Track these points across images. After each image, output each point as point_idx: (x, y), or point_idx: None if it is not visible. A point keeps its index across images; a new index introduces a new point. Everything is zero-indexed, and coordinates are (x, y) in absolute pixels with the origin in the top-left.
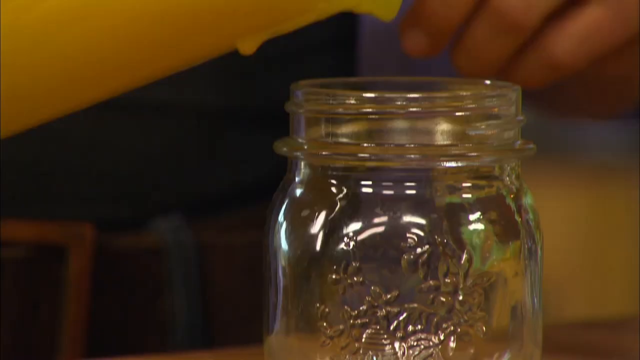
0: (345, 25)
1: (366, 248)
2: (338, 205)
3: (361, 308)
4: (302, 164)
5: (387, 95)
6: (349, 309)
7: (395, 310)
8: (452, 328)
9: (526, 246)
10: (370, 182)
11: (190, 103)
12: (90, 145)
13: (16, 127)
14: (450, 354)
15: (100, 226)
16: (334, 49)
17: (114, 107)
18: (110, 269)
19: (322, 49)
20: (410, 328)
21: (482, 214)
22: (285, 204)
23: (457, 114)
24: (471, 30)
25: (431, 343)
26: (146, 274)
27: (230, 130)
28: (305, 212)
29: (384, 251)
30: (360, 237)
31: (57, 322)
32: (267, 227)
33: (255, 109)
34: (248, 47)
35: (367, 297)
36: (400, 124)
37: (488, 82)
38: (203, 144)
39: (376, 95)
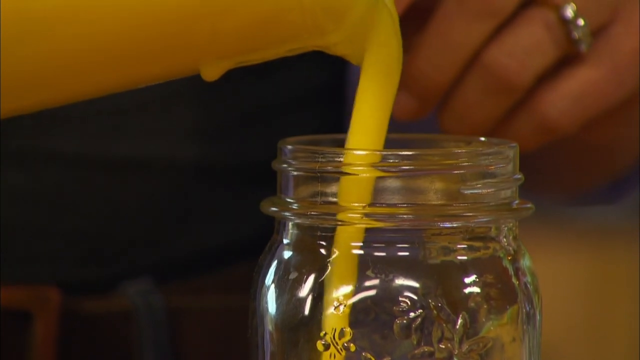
0: (333, 77)
1: (357, 312)
2: (327, 268)
3: None
4: (290, 224)
5: (378, 152)
6: None
7: None
8: None
9: (524, 310)
10: (360, 244)
11: (162, 159)
12: (55, 203)
13: (13, 110)
14: None
15: (66, 289)
16: (318, 102)
17: (81, 162)
18: (77, 334)
19: (304, 103)
20: None
21: (478, 276)
22: (272, 266)
23: (452, 172)
24: (461, 90)
25: None
26: (115, 339)
27: (204, 187)
28: (293, 275)
29: (376, 315)
30: (350, 301)
31: None
32: (253, 290)
33: (232, 165)
34: (211, 73)
35: None
36: (392, 182)
37: (483, 139)
38: (175, 202)
39: (367, 153)
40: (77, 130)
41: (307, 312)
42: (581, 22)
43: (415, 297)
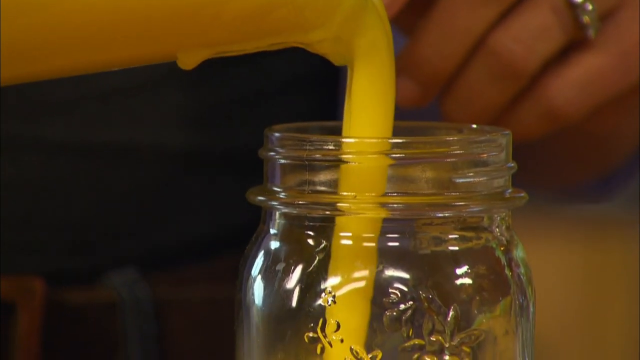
0: (324, 61)
1: (345, 304)
2: (316, 259)
3: None
4: (277, 214)
5: (368, 140)
6: None
7: None
8: None
9: (517, 302)
10: (350, 234)
11: (148, 146)
12: (39, 191)
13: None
14: None
15: (50, 280)
16: (311, 87)
17: (66, 150)
18: (62, 326)
19: (295, 88)
20: None
21: (470, 267)
22: (258, 257)
23: (443, 160)
24: (464, 76)
25: None
26: (100, 331)
27: (191, 176)
28: (280, 266)
29: (365, 308)
30: (339, 293)
31: None
32: (239, 281)
33: (220, 153)
34: (188, 61)
35: (346, 357)
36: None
37: (475, 126)
38: (161, 190)
39: (356, 140)
40: (61, 117)
41: (294, 303)
42: (589, 6)
43: (405, 289)
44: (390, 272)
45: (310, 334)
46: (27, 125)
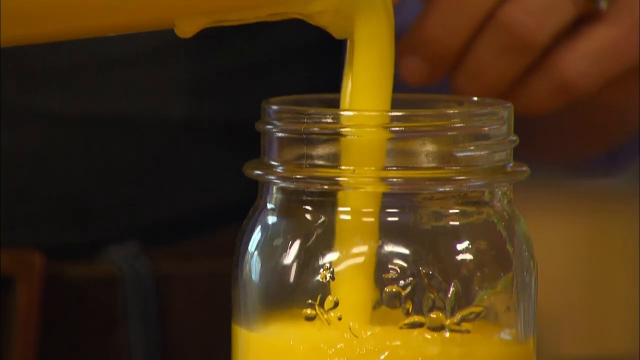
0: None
1: (344, 280)
2: (314, 234)
3: (339, 346)
4: (275, 188)
5: (367, 113)
6: (325, 347)
7: (377, 348)
8: None
9: (519, 278)
10: (349, 209)
11: (149, 115)
12: (38, 163)
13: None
14: None
15: (50, 254)
16: (314, 57)
17: (65, 121)
18: (61, 301)
19: (298, 58)
20: None
21: (471, 242)
22: (255, 232)
23: (444, 133)
24: (475, 49)
25: None
26: (99, 306)
27: (193, 147)
28: (277, 241)
29: (364, 284)
30: (337, 269)
31: (4, 357)
32: (235, 257)
33: (222, 124)
34: (186, 29)
35: (345, 334)
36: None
37: (476, 98)
38: (163, 162)
39: (355, 113)
40: (61, 87)
41: (292, 279)
42: None
43: (405, 265)
44: (389, 248)
45: (308, 311)
46: (27, 96)
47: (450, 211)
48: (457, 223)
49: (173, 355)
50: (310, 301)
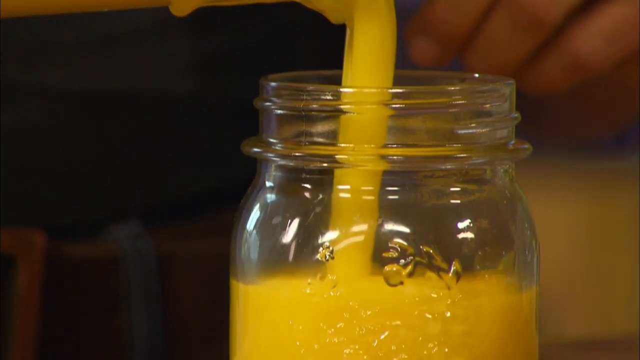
0: None
1: (343, 259)
2: (313, 212)
3: (338, 325)
4: (273, 166)
5: (367, 90)
6: (324, 326)
7: (376, 328)
8: (438, 348)
9: (521, 257)
10: (348, 187)
11: (152, 93)
12: (38, 140)
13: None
14: None
15: (51, 233)
16: (322, 36)
17: (66, 97)
18: (63, 280)
19: (304, 37)
20: (392, 347)
21: (472, 221)
22: (253, 210)
23: (445, 111)
24: (486, 28)
25: None
26: (102, 286)
27: (196, 125)
28: (276, 220)
29: (364, 263)
30: (337, 247)
31: (4, 339)
32: (233, 235)
33: (225, 102)
34: (180, 7)
35: (344, 314)
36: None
37: (477, 75)
38: (165, 140)
39: (355, 90)
40: (62, 63)
41: (291, 258)
42: None
43: (405, 243)
44: (390, 227)
45: (307, 290)
46: (27, 72)
47: (451, 189)
48: (458, 201)
49: (176, 335)
50: (309, 280)
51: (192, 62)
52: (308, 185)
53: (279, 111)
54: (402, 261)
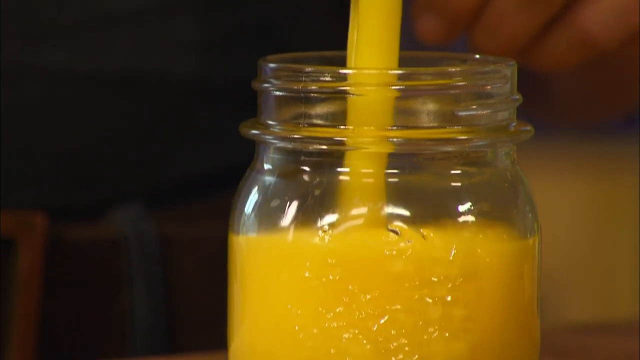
0: None
1: (343, 243)
2: (311, 195)
3: (337, 310)
4: (271, 148)
5: (366, 71)
6: (323, 311)
7: (376, 312)
8: (439, 332)
9: (522, 241)
10: (347, 169)
11: (155, 74)
12: (40, 121)
13: None
14: None
15: (52, 215)
16: (328, 17)
17: (69, 77)
18: (64, 263)
19: (316, 15)
20: (392, 332)
21: (473, 204)
22: (252, 193)
23: (445, 92)
24: (494, 4)
25: (416, 349)
26: (103, 269)
27: (200, 107)
28: (274, 203)
29: (363, 246)
30: (336, 230)
31: (4, 322)
32: (232, 219)
33: (229, 84)
34: None
35: (343, 298)
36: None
37: (478, 56)
38: (169, 121)
39: (354, 71)
40: (64, 44)
41: (289, 241)
42: None
43: (405, 227)
44: (390, 209)
45: (306, 274)
46: (29, 52)
47: (452, 172)
48: (459, 184)
49: (177, 317)
50: (308, 264)
51: (196, 43)
52: (307, 168)
53: (277, 93)
54: (402, 244)
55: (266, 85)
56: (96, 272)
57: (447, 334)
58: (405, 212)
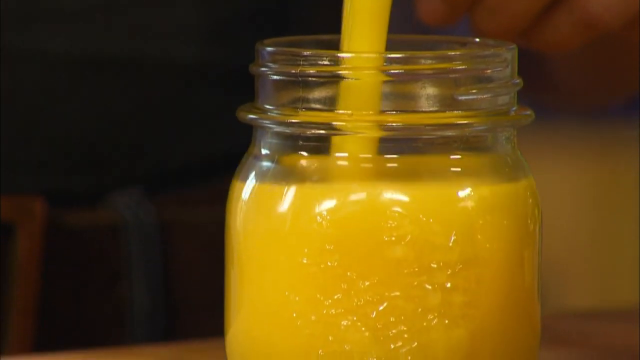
0: None
1: (341, 228)
2: (309, 180)
3: (336, 297)
4: (269, 133)
5: (365, 55)
6: (321, 298)
7: (375, 299)
8: (438, 319)
9: (523, 227)
10: (346, 154)
11: (156, 59)
12: (39, 106)
13: None
14: (437, 347)
15: (51, 200)
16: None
17: (69, 62)
18: (63, 249)
19: (314, 3)
20: (391, 319)
21: (473, 189)
22: (249, 178)
23: (445, 76)
24: None
25: (415, 336)
26: (102, 255)
27: (201, 92)
28: (272, 188)
29: (362, 232)
30: (334, 216)
31: (3, 309)
32: (229, 204)
33: (229, 70)
34: None
35: (342, 284)
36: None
37: (478, 40)
38: (168, 107)
39: (353, 55)
40: (65, 28)
41: (287, 227)
42: None
43: (404, 212)
44: (388, 195)
45: (304, 260)
46: (29, 36)
47: (452, 157)
48: (459, 169)
49: (177, 303)
50: (306, 249)
51: (198, 28)
52: (305, 153)
53: (275, 77)
54: (401, 231)
55: (263, 69)
56: (95, 258)
57: (446, 321)
58: (404, 198)
